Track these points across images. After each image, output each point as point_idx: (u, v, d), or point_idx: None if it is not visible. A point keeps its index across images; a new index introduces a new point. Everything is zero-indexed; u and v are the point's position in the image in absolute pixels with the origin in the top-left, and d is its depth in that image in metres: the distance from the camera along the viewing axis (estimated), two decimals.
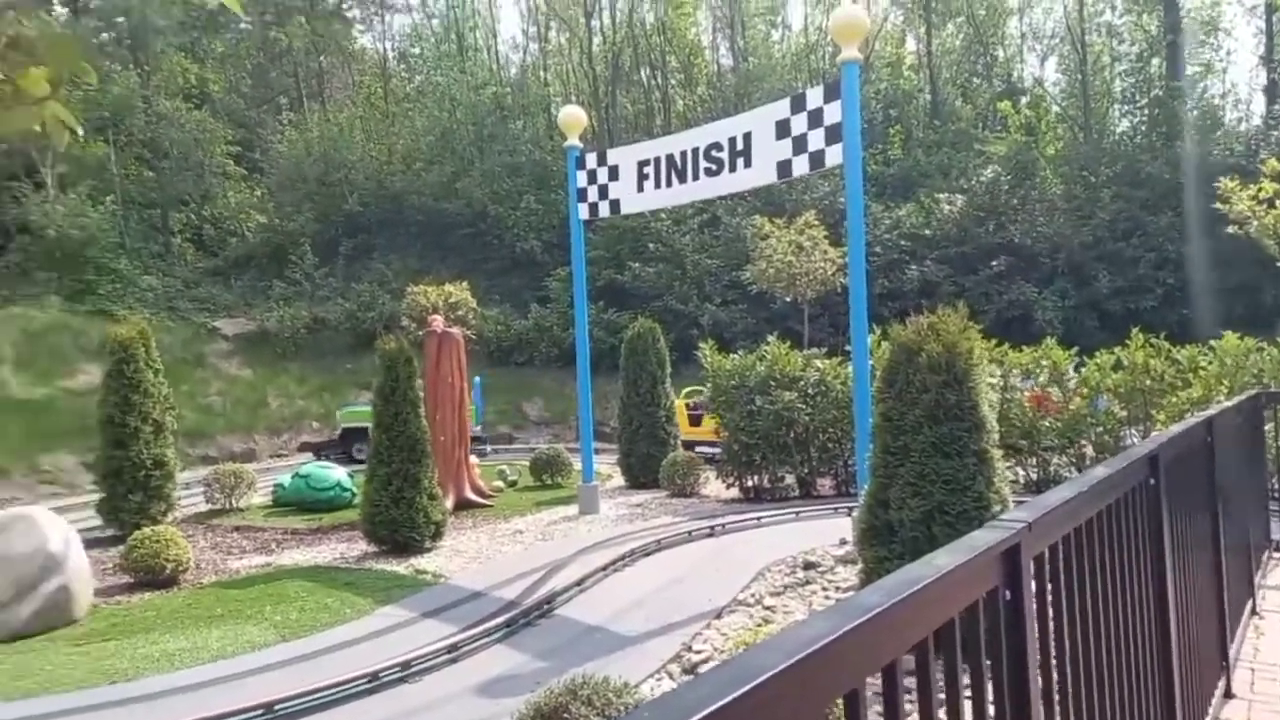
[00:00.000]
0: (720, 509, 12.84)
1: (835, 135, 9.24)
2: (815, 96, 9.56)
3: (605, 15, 39.58)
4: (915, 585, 1.23)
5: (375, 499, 10.57)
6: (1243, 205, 15.44)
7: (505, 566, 9.80)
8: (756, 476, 13.87)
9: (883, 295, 24.55)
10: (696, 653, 6.65)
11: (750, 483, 13.90)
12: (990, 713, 1.52)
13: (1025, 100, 37.05)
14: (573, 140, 13.28)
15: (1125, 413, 12.41)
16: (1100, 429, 12.47)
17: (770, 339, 14.33)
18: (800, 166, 9.83)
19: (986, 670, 1.52)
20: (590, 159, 12.93)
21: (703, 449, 16.24)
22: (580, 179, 12.91)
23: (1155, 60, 32.45)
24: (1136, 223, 27.24)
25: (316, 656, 7.07)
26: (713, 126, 11.65)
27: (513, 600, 8.29)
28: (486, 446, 21.45)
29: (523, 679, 6.27)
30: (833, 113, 9.24)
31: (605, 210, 12.93)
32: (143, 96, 32.12)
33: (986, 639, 1.52)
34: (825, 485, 13.97)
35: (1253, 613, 5.34)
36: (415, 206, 32.28)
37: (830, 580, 8.44)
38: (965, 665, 1.46)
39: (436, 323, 14.41)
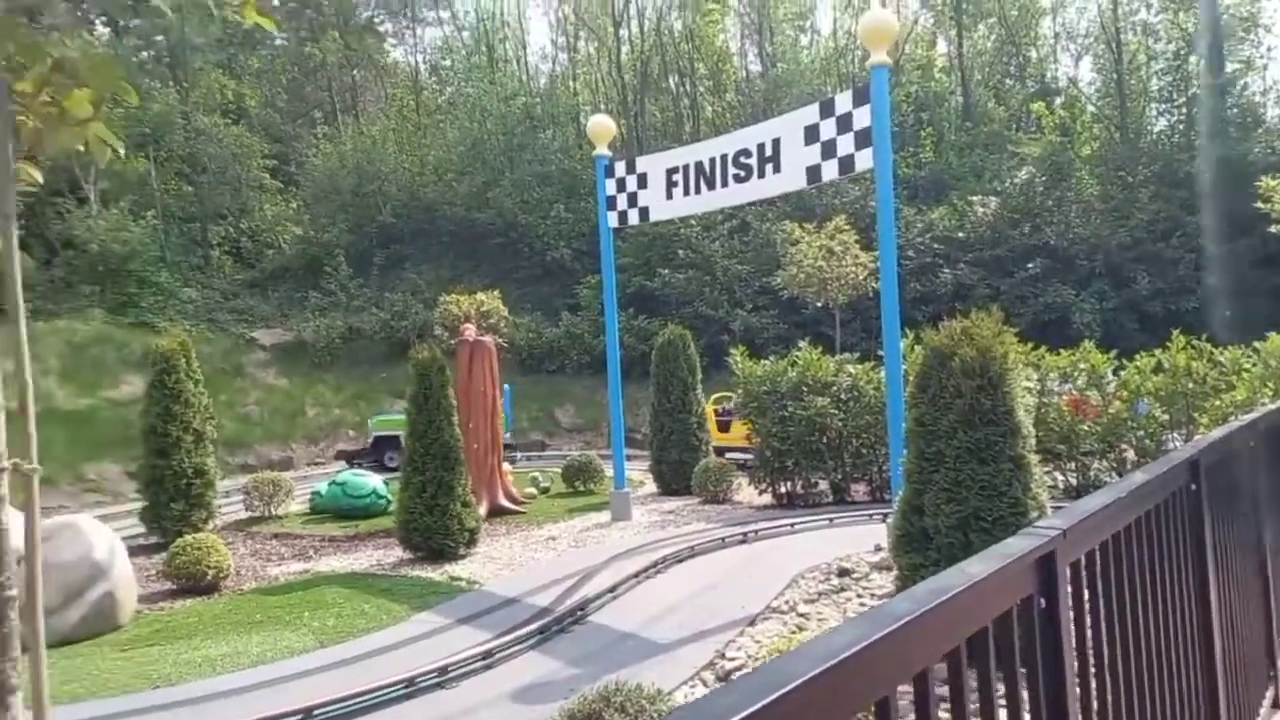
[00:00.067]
0: (753, 515, 12.78)
1: (865, 140, 9.20)
2: (844, 101, 9.52)
3: (634, 24, 39.77)
4: (946, 593, 1.23)
5: (410, 506, 10.67)
6: None
7: (538, 573, 9.83)
8: (790, 482, 13.78)
9: (916, 299, 24.33)
10: (730, 660, 6.63)
11: (783, 489, 13.82)
12: None
13: (1059, 100, 36.53)
14: (602, 149, 13.34)
15: (1167, 416, 12.16)
16: (1141, 433, 12.24)
17: (801, 344, 14.27)
18: (830, 171, 9.79)
19: (1022, 679, 1.51)
20: (619, 167, 12.98)
21: (733, 455, 16.17)
22: (609, 187, 12.97)
23: (1193, 58, 31.84)
24: (1176, 223, 26.75)
25: (354, 662, 7.16)
26: (741, 133, 11.66)
27: (546, 607, 8.32)
28: (516, 453, 21.56)
29: (556, 685, 6.29)
30: (862, 117, 9.20)
31: (634, 218, 12.97)
32: (182, 113, 32.86)
33: (1022, 647, 1.51)
34: (859, 491, 13.85)
35: None
36: (447, 217, 32.62)
37: (865, 587, 8.35)
38: (1000, 674, 1.45)
39: (469, 331, 14.54)
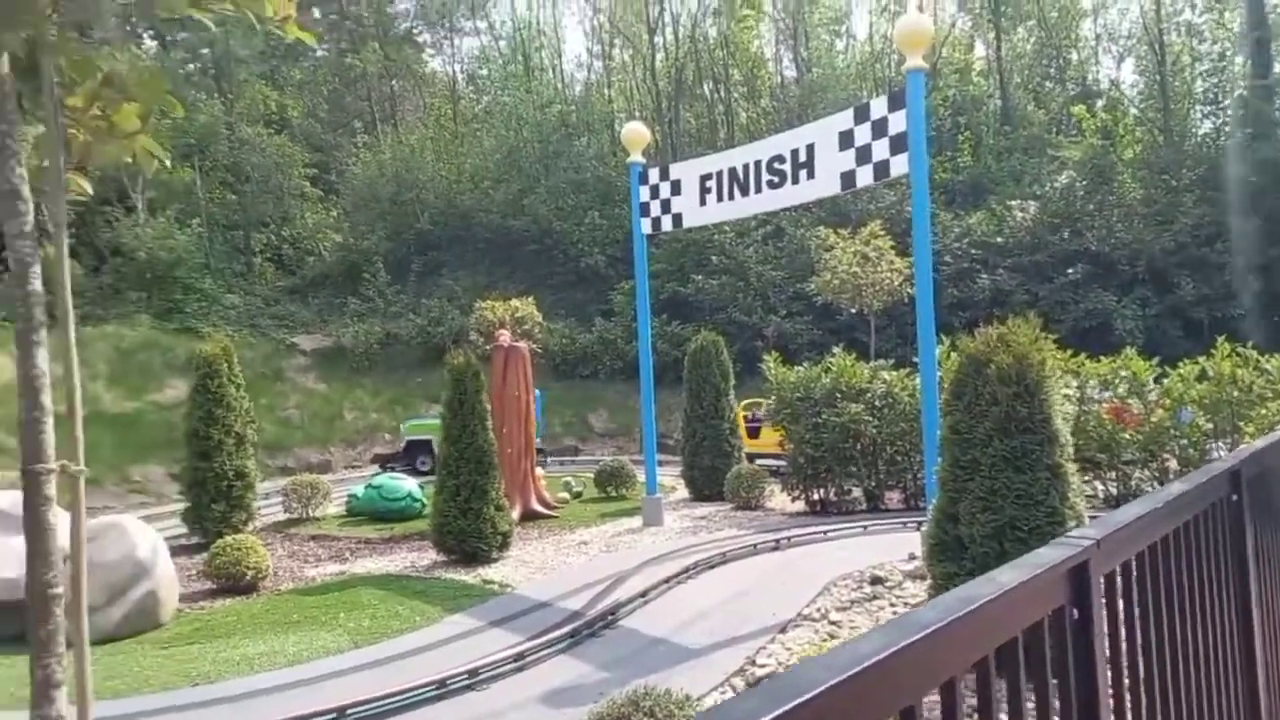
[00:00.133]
0: (786, 522, 12.71)
1: (900, 144, 9.13)
2: (879, 106, 9.47)
3: (668, 31, 39.79)
4: (975, 602, 1.22)
5: (444, 509, 10.78)
6: None
7: (570, 577, 9.87)
8: (823, 489, 13.68)
9: (952, 305, 24.03)
10: (761, 667, 6.60)
11: (816, 496, 13.72)
12: None
13: (1101, 103, 35.85)
14: (636, 156, 13.39)
15: (1211, 425, 11.87)
16: (1185, 442, 11.96)
17: (836, 350, 14.17)
18: (864, 177, 9.73)
19: (1053, 690, 1.49)
20: (653, 174, 13.02)
21: (763, 462, 16.05)
22: (643, 194, 13.01)
23: (1239, 59, 31.11)
24: (1221, 227, 26.10)
25: (387, 663, 7.25)
26: (775, 139, 11.63)
27: (577, 611, 8.35)
28: (546, 458, 21.64)
29: (586, 689, 6.31)
30: (897, 122, 9.13)
31: (668, 224, 12.99)
32: (226, 123, 33.63)
33: (1053, 659, 1.49)
34: (894, 499, 13.71)
35: None
36: (483, 224, 32.92)
37: (898, 596, 8.27)
38: (1030, 685, 1.44)
39: (503, 337, 14.65)
